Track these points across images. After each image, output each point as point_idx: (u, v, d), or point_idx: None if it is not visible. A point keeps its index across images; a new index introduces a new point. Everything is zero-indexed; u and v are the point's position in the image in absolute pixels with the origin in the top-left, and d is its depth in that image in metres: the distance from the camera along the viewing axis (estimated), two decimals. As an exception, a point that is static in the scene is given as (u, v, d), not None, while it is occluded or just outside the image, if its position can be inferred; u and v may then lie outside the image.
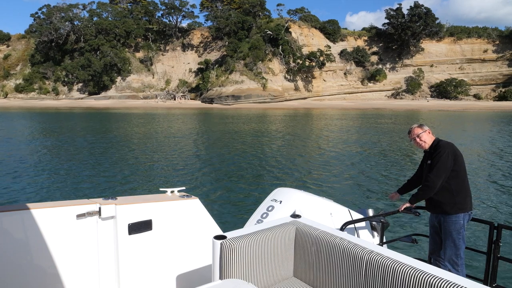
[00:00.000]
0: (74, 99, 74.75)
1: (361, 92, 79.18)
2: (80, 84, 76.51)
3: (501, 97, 74.02)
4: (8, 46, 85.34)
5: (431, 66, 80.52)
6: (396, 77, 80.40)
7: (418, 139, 3.72)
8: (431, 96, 77.67)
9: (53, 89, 77.46)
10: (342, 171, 13.77)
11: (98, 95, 74.35)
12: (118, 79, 75.83)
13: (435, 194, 3.63)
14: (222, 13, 77.83)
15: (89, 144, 20.79)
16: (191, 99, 74.55)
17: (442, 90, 76.43)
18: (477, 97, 76.40)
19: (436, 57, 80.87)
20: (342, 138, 24.27)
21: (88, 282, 2.67)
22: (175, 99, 74.09)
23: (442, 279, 1.96)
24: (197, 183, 11.87)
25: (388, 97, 78.99)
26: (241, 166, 14.60)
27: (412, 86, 77.78)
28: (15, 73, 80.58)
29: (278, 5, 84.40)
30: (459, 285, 1.91)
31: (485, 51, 79.67)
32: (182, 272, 3.02)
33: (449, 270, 3.54)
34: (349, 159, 16.33)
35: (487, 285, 3.36)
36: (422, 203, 3.89)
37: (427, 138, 3.70)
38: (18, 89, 77.82)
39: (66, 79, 76.91)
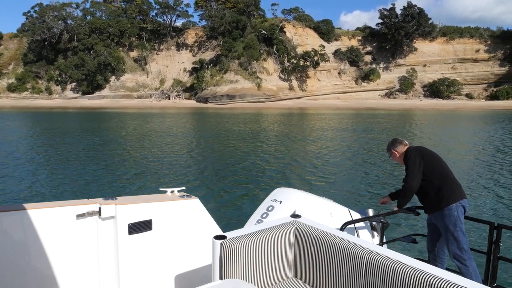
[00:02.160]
0: (67, 98, 74.13)
1: (355, 92, 79.47)
2: (74, 84, 75.88)
3: (493, 97, 74.72)
4: (0, 45, 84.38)
5: (424, 65, 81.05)
6: (389, 76, 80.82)
7: (393, 159, 4.06)
8: (424, 96, 78.20)
9: (46, 89, 76.76)
10: (342, 171, 13.79)
11: (92, 95, 73.78)
12: (112, 78, 75.31)
13: (425, 194, 3.74)
14: (217, 13, 77.61)
15: (88, 144, 20.68)
16: (185, 98, 74.28)
17: (435, 90, 77.00)
18: (469, 96, 77.06)
19: (429, 57, 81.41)
20: (340, 137, 24.35)
21: (88, 282, 2.67)
22: (169, 99, 73.78)
23: (442, 279, 1.97)
24: (197, 183, 11.86)
25: (381, 96, 79.38)
26: (241, 166, 14.61)
27: (405, 85, 78.27)
28: (7, 72, 79.68)
29: (272, 4, 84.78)
30: (459, 285, 1.92)
31: (477, 51, 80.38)
32: (182, 272, 3.02)
33: (458, 268, 3.58)
34: (349, 159, 16.38)
35: (487, 285, 3.38)
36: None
37: (397, 158, 3.98)
38: (11, 89, 77.00)
39: (59, 79, 76.24)
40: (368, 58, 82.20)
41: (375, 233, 3.98)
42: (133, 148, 19.32)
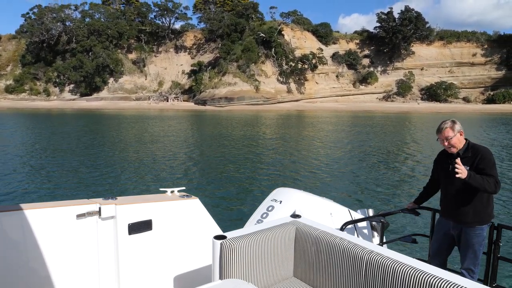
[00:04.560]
0: (65, 100, 73.94)
1: (353, 95, 79.67)
2: (72, 85, 75.69)
3: (490, 100, 75.07)
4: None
5: (422, 69, 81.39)
6: (387, 80, 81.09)
7: (446, 143, 3.37)
8: (422, 99, 78.47)
9: (44, 90, 76.52)
10: (342, 171, 13.85)
11: (90, 97, 73.63)
12: (111, 80, 75.19)
13: (467, 203, 3.34)
14: (215, 15, 77.76)
15: (88, 144, 20.71)
16: (184, 101, 74.26)
17: (432, 93, 77.31)
18: (466, 100, 77.35)
19: (426, 61, 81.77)
20: (339, 139, 24.43)
21: (88, 282, 2.66)
22: (168, 101, 73.73)
23: (442, 279, 1.98)
24: (197, 183, 11.91)
25: (379, 99, 79.62)
26: (241, 166, 14.64)
27: (403, 89, 78.55)
28: (5, 73, 79.46)
29: (271, 7, 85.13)
30: (459, 285, 1.92)
31: (474, 55, 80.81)
32: (182, 272, 3.01)
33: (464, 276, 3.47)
34: (349, 160, 16.45)
35: (487, 285, 3.39)
36: (427, 204, 3.88)
37: (457, 142, 3.34)
38: (9, 90, 76.73)
39: (57, 80, 76.03)
40: (366, 61, 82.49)
41: (375, 233, 3.98)
42: (133, 148, 19.34)
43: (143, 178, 12.47)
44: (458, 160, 3.19)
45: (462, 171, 3.13)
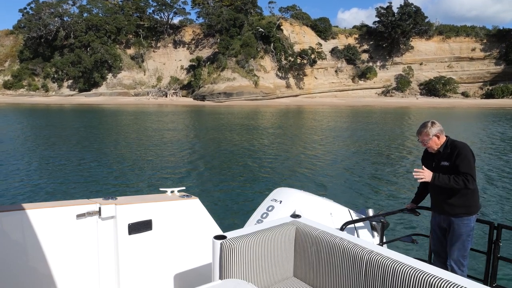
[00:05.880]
0: (64, 96, 73.74)
1: (352, 90, 79.60)
2: (70, 81, 75.45)
3: (488, 95, 75.11)
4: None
5: (421, 64, 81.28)
6: (386, 75, 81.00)
7: (425, 144, 3.60)
8: (421, 94, 78.49)
9: (42, 86, 76.27)
10: (342, 171, 13.85)
11: (89, 92, 73.43)
12: (109, 75, 74.92)
13: (451, 196, 3.50)
14: (214, 10, 77.36)
15: (87, 143, 20.63)
16: (182, 96, 74.12)
17: (431, 88, 77.32)
18: (465, 95, 77.40)
19: (425, 55, 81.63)
20: (340, 137, 24.37)
21: (88, 282, 2.66)
22: (166, 96, 73.58)
23: (442, 279, 1.98)
24: (197, 183, 11.90)
25: (378, 94, 79.57)
26: (241, 166, 14.63)
27: (402, 84, 78.50)
28: (3, 69, 79.12)
29: (269, 2, 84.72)
30: (459, 285, 1.93)
31: (473, 49, 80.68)
32: (182, 272, 3.02)
33: (454, 271, 3.53)
34: (349, 159, 16.42)
35: (487, 285, 3.40)
36: (426, 203, 3.89)
37: (433, 145, 3.55)
38: (7, 86, 76.46)
39: (56, 76, 75.76)
40: (365, 56, 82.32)
41: (375, 233, 3.99)
42: (132, 147, 19.30)
43: (143, 178, 12.45)
44: (419, 169, 3.47)
45: (425, 176, 3.43)
